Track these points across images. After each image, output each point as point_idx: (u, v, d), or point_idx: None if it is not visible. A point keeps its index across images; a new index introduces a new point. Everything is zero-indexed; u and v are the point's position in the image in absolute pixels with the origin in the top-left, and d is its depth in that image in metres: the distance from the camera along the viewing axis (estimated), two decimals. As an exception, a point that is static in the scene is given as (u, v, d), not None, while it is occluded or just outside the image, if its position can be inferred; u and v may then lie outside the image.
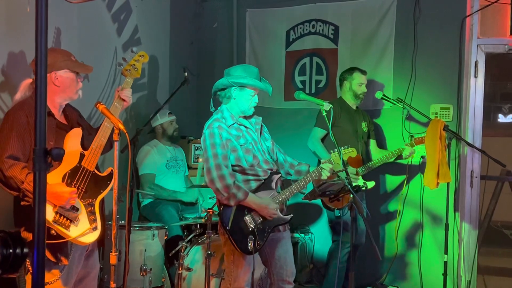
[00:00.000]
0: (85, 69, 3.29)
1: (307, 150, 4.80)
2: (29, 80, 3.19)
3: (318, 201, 4.47)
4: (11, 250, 1.55)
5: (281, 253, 3.67)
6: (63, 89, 3.16)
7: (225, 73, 3.67)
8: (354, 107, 4.93)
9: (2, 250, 1.55)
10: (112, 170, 3.17)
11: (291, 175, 3.78)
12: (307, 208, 4.00)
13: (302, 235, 5.46)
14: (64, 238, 2.95)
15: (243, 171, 3.52)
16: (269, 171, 3.60)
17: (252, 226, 3.49)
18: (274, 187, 3.60)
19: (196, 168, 5.53)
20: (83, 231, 3.03)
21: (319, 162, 3.75)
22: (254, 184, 3.55)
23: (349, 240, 4.34)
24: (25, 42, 3.73)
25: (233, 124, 3.56)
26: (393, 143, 5.32)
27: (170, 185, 5.15)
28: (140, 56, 3.47)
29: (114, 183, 3.01)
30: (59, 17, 4.15)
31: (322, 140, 4.79)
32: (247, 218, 3.50)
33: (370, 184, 4.67)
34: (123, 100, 3.33)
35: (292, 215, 3.65)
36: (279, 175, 3.66)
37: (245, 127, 3.61)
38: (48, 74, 3.08)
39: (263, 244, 3.53)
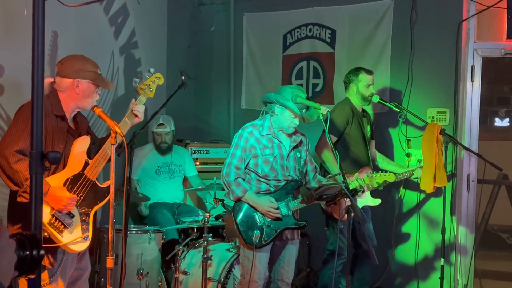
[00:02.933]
0: (107, 84, 3.35)
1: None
2: (49, 79, 3.21)
3: (318, 208, 4.46)
4: (27, 252, 1.58)
5: (286, 255, 3.95)
6: (81, 98, 3.19)
7: (277, 90, 3.96)
8: (360, 110, 4.78)
9: (19, 252, 1.58)
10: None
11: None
12: (304, 211, 4.01)
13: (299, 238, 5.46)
14: (55, 243, 2.96)
15: (257, 175, 3.84)
16: (285, 181, 3.86)
17: (261, 222, 3.79)
18: (292, 193, 3.88)
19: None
20: (74, 238, 3.04)
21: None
22: (264, 187, 3.85)
23: (346, 250, 4.36)
24: (22, 45, 3.72)
25: (268, 135, 3.84)
26: (390, 147, 5.32)
27: (159, 191, 5.14)
28: (156, 77, 3.53)
29: (111, 186, 3.02)
30: (56, 20, 4.15)
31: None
32: (257, 214, 3.80)
33: (376, 201, 4.58)
34: (135, 115, 3.36)
35: (305, 222, 3.91)
36: (299, 184, 3.94)
37: (279, 141, 3.87)
38: (71, 80, 3.13)
39: (269, 241, 3.79)
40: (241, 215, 3.81)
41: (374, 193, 4.58)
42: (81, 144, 3.13)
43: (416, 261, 5.24)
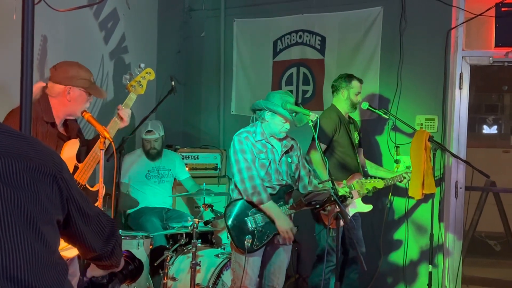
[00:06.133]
0: (99, 93, 3.32)
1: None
2: (41, 84, 3.19)
3: (307, 213, 4.47)
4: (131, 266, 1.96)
5: (277, 261, 3.97)
6: (72, 105, 3.17)
7: (265, 96, 3.99)
8: (347, 116, 4.80)
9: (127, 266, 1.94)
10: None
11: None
12: (293, 217, 4.02)
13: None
14: None
15: None
16: (278, 187, 3.89)
17: (252, 226, 3.79)
18: (283, 198, 3.91)
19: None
20: (65, 245, 3.01)
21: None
22: None
23: (334, 259, 4.37)
24: (10, 50, 3.70)
25: (261, 140, 3.88)
26: (378, 154, 5.35)
27: (148, 196, 5.13)
28: (147, 73, 3.48)
29: (99, 191, 3.00)
30: (46, 25, 4.13)
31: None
32: (249, 219, 3.80)
33: (368, 207, 4.59)
34: (121, 119, 3.32)
35: (298, 227, 3.93)
36: (291, 189, 3.98)
37: (272, 146, 3.90)
38: (63, 86, 3.11)
39: (261, 246, 3.79)
40: (232, 219, 3.81)
41: (365, 199, 4.61)
42: (70, 148, 3.11)
43: (404, 267, 5.25)
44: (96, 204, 3.19)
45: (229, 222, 3.81)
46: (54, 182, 1.51)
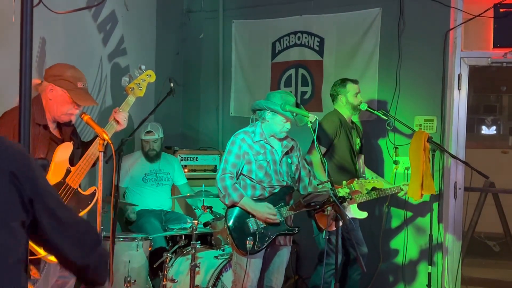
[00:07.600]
0: (83, 100, 3.15)
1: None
2: (37, 81, 3.17)
3: (304, 215, 4.47)
4: None
5: (277, 262, 3.98)
6: (53, 104, 3.12)
7: (265, 96, 4.00)
8: (349, 122, 4.79)
9: None
10: (95, 189, 3.14)
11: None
12: (293, 218, 4.02)
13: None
14: (35, 255, 2.92)
15: (252, 181, 3.86)
16: (279, 187, 3.88)
17: (254, 228, 3.79)
18: (284, 200, 3.90)
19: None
20: None
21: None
22: (258, 192, 3.85)
23: (334, 262, 4.36)
24: (10, 52, 3.69)
25: (260, 141, 3.87)
26: (377, 155, 5.35)
27: (146, 198, 5.12)
28: (147, 75, 3.41)
29: (98, 193, 3.00)
30: (44, 27, 4.12)
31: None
32: (250, 220, 3.81)
33: (363, 214, 4.58)
34: (117, 122, 3.28)
35: (298, 228, 3.95)
36: (291, 190, 3.97)
37: (271, 146, 3.90)
38: (47, 83, 3.09)
39: (263, 248, 3.80)
40: (233, 221, 3.82)
41: (361, 206, 4.60)
42: (63, 151, 3.08)
43: (403, 268, 5.25)
44: (90, 206, 3.17)
45: (230, 224, 3.81)
46: (9, 181, 1.44)
